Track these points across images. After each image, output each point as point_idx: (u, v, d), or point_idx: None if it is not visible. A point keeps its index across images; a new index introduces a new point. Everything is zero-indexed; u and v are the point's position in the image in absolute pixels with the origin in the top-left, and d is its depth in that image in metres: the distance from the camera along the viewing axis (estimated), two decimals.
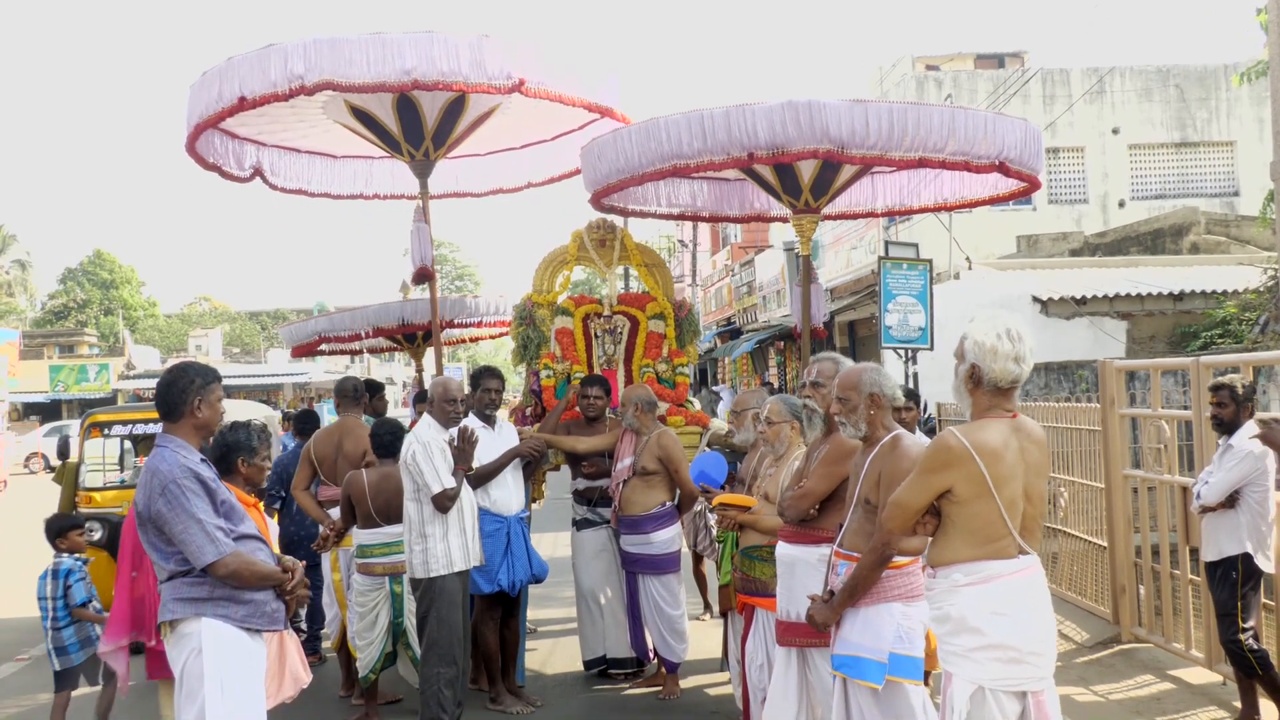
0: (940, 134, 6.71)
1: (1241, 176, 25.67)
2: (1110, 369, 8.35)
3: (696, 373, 39.97)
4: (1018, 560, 3.80)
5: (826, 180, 7.65)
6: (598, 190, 7.78)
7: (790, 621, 5.10)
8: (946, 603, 3.83)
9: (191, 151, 8.21)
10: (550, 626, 9.64)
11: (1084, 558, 8.96)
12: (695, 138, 6.74)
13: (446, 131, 8.16)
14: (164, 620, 4.40)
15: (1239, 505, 6.27)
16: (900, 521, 3.94)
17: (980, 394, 3.89)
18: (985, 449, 3.75)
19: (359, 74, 6.93)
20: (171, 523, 4.28)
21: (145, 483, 4.37)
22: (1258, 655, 6.19)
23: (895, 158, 6.79)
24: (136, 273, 75.85)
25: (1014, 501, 3.79)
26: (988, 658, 3.74)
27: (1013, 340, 3.83)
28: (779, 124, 6.52)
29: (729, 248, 36.71)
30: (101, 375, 53.88)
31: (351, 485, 7.01)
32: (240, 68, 7.12)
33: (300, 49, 6.93)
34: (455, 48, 6.99)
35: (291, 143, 9.24)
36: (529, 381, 8.43)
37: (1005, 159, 7.02)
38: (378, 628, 6.99)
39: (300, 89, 6.97)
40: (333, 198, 9.94)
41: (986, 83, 25.27)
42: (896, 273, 13.42)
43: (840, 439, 4.91)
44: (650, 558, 7.41)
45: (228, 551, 4.33)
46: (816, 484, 5.00)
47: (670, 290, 8.75)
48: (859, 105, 6.55)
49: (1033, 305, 16.38)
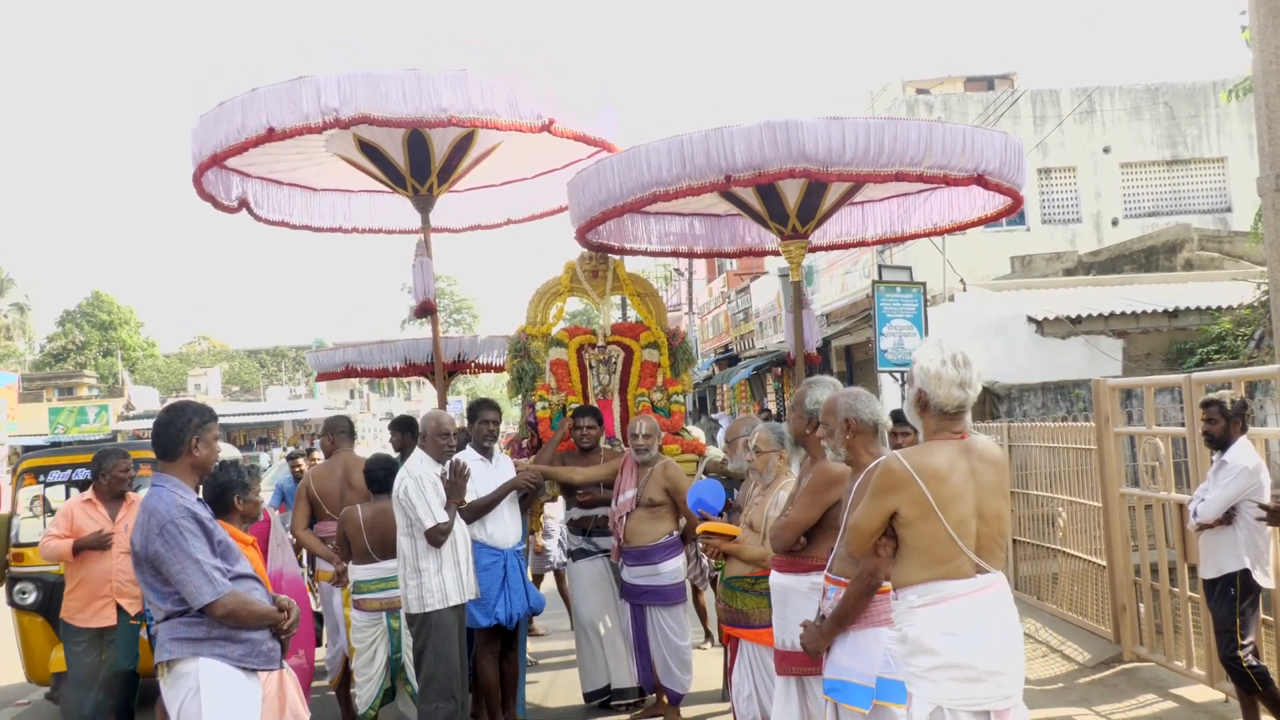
0: (918, 148, 6.73)
1: (1233, 192, 25.74)
2: (1104, 387, 8.36)
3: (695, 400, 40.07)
4: (975, 579, 3.81)
5: (812, 205, 7.66)
6: (582, 225, 7.81)
7: (787, 650, 5.10)
8: (904, 623, 3.86)
9: (199, 181, 8.20)
10: (550, 659, 9.60)
11: (1084, 577, 8.94)
12: (674, 163, 6.76)
13: (452, 167, 8.22)
14: (161, 660, 4.40)
15: (1236, 521, 6.25)
16: (858, 544, 3.99)
17: (928, 417, 3.93)
18: (927, 471, 3.78)
19: (396, 109, 7.02)
20: (169, 563, 4.29)
21: (142, 522, 4.37)
22: (1257, 671, 6.17)
23: (874, 173, 6.81)
24: (135, 313, 75.92)
25: (964, 521, 3.79)
26: (945, 677, 3.74)
27: (958, 366, 3.84)
28: (756, 145, 6.54)
29: (725, 275, 36.76)
30: (101, 416, 53.83)
31: (347, 521, 7.00)
32: (268, 99, 7.14)
33: (334, 82, 7.01)
34: (490, 87, 7.13)
35: (275, 175, 9.26)
36: (524, 413, 8.44)
37: (984, 171, 7.04)
38: (375, 664, 6.97)
39: (335, 122, 7.05)
40: (314, 230, 9.91)
41: (977, 104, 25.38)
42: (890, 296, 13.46)
43: (824, 466, 4.92)
44: (659, 589, 7.35)
45: (225, 592, 4.33)
46: (800, 513, 5.00)
47: (663, 319, 8.77)
48: (835, 122, 6.60)
49: (1028, 325, 16.36)
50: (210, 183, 8.46)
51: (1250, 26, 8.40)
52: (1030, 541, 9.95)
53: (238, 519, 5.27)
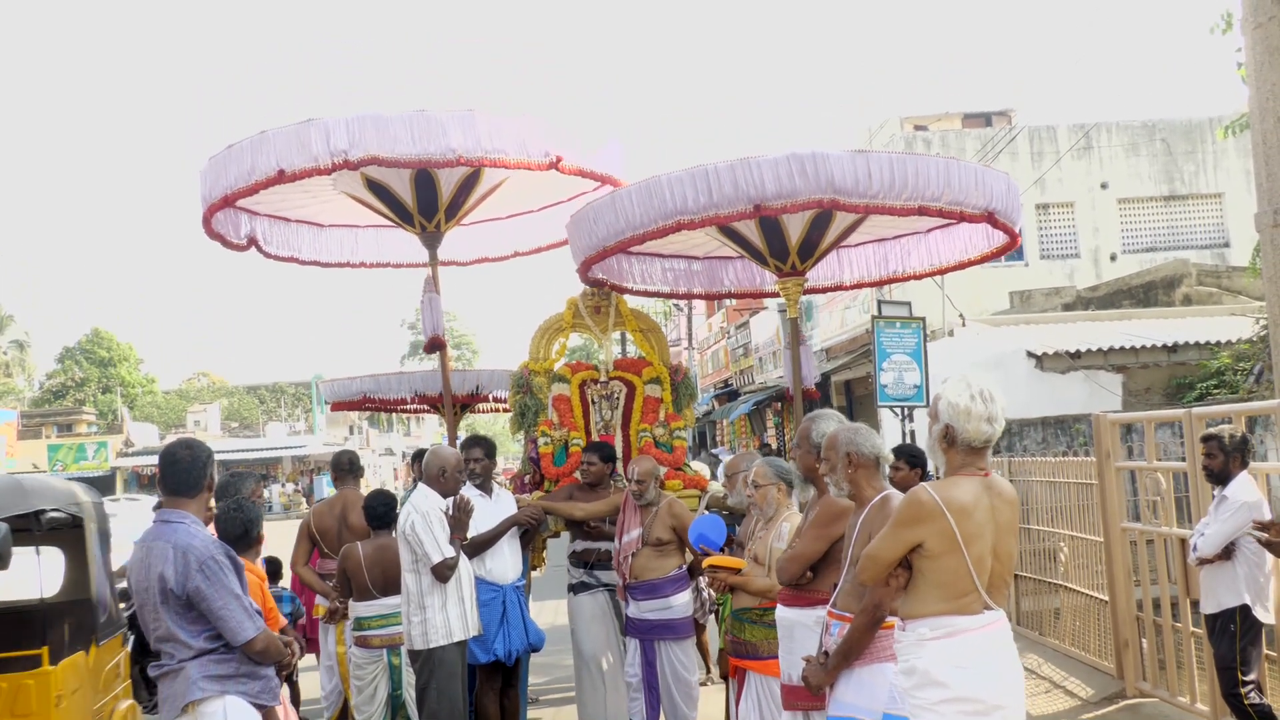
0: (938, 184, 6.78)
1: (1231, 228, 25.82)
2: (1105, 422, 8.38)
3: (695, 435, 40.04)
4: (983, 616, 3.85)
5: (813, 241, 7.69)
6: (591, 256, 7.78)
7: (794, 685, 5.09)
8: (913, 655, 3.88)
9: (208, 222, 8.24)
10: (551, 695, 9.57)
11: (1086, 613, 8.93)
12: (701, 192, 6.71)
13: (459, 204, 8.25)
14: (192, 700, 4.38)
15: (1235, 557, 6.26)
16: (872, 574, 4.00)
17: (953, 453, 3.97)
18: (956, 505, 3.81)
19: (405, 150, 7.04)
20: (211, 599, 4.31)
21: (174, 559, 4.34)
22: (1259, 710, 6.15)
23: (899, 206, 6.81)
24: (134, 350, 76.01)
25: (982, 558, 3.84)
26: (952, 710, 3.77)
27: (985, 401, 3.91)
28: (785, 175, 6.52)
29: (724, 310, 36.86)
30: (100, 453, 53.89)
31: (347, 558, 7.00)
32: (277, 141, 7.18)
33: (343, 125, 7.04)
34: (498, 126, 7.18)
35: (283, 212, 9.31)
36: (527, 449, 8.44)
37: (993, 209, 7.11)
38: (376, 700, 6.96)
39: (345, 163, 7.08)
40: (322, 265, 9.95)
41: (974, 141, 25.51)
42: (890, 331, 13.49)
43: (830, 500, 4.94)
44: (670, 623, 7.27)
45: (263, 628, 4.43)
46: (806, 546, 5.02)
47: (666, 354, 8.79)
48: (860, 155, 6.64)
49: (1027, 360, 16.40)
50: (220, 222, 8.52)
51: (1246, 64, 8.48)
52: (1032, 576, 9.95)
53: (253, 555, 5.32)
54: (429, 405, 11.86)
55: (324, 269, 10.05)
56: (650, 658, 7.33)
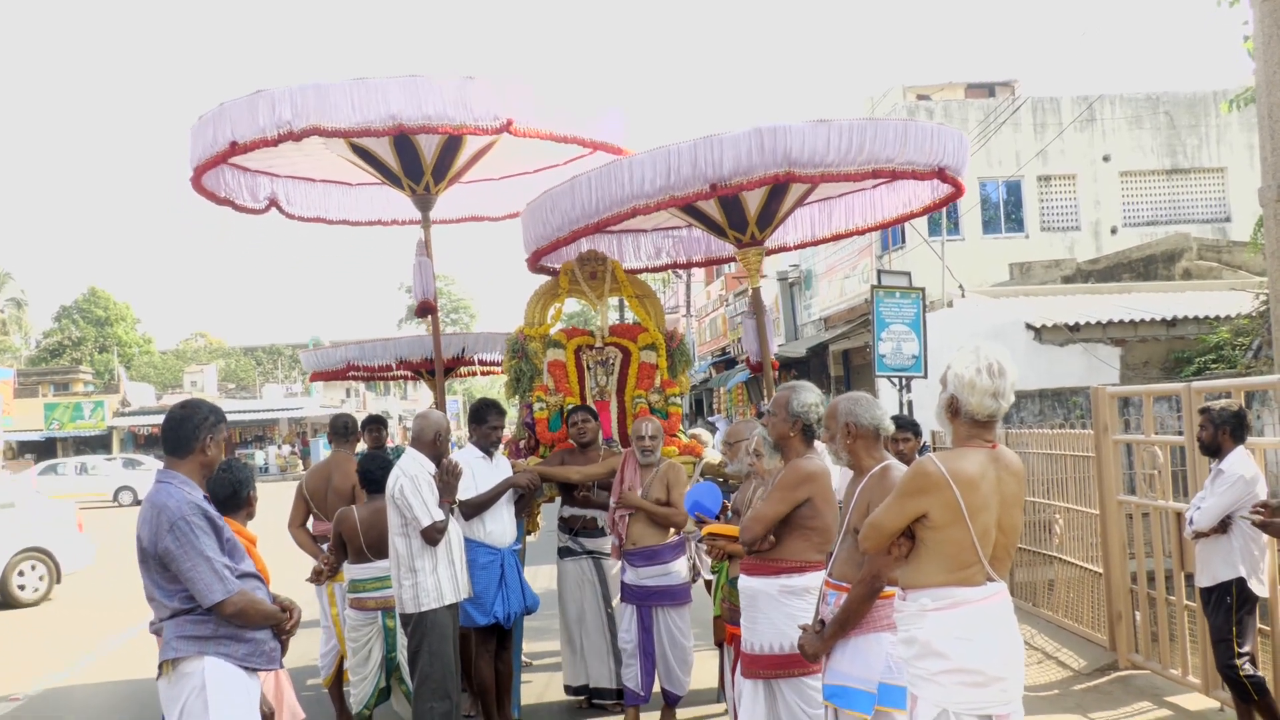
0: (894, 146, 6.85)
1: (1233, 202, 25.79)
2: (1103, 395, 8.36)
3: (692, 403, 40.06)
4: (985, 588, 3.83)
5: (772, 210, 7.74)
6: (542, 247, 7.86)
7: (754, 654, 5.12)
8: (914, 626, 3.87)
9: (198, 191, 8.29)
10: (545, 660, 9.59)
11: (1080, 584, 8.94)
12: (659, 175, 6.74)
13: (446, 166, 8.19)
14: (166, 659, 4.35)
15: (1231, 530, 6.26)
16: (874, 542, 3.98)
17: (958, 423, 3.93)
18: (962, 477, 3.78)
19: (344, 119, 7.00)
20: (180, 560, 4.25)
21: (150, 518, 4.31)
22: (1254, 681, 6.17)
23: (854, 171, 6.89)
24: (132, 310, 75.92)
25: (987, 530, 3.81)
26: (953, 681, 3.76)
27: (993, 375, 3.84)
28: (744, 151, 6.57)
29: (723, 278, 36.79)
30: (96, 413, 53.93)
31: (342, 521, 6.99)
32: (231, 113, 7.21)
33: (287, 95, 7.00)
34: (440, 90, 7.06)
35: (304, 173, 9.32)
36: (522, 414, 8.43)
37: (944, 165, 7.23)
38: (371, 663, 6.97)
39: (289, 134, 7.04)
40: (352, 224, 10.03)
41: (978, 111, 25.42)
42: (889, 301, 13.45)
43: (796, 464, 4.98)
44: (669, 589, 7.30)
45: (235, 590, 4.30)
46: (769, 507, 5.03)
47: (661, 321, 8.76)
48: (821, 125, 6.67)
49: (1026, 332, 16.40)
50: (229, 187, 8.63)
51: (1254, 37, 8.41)
52: (1027, 548, 9.95)
53: (244, 516, 5.28)
54: (412, 371, 11.80)
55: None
56: (647, 624, 7.36)
